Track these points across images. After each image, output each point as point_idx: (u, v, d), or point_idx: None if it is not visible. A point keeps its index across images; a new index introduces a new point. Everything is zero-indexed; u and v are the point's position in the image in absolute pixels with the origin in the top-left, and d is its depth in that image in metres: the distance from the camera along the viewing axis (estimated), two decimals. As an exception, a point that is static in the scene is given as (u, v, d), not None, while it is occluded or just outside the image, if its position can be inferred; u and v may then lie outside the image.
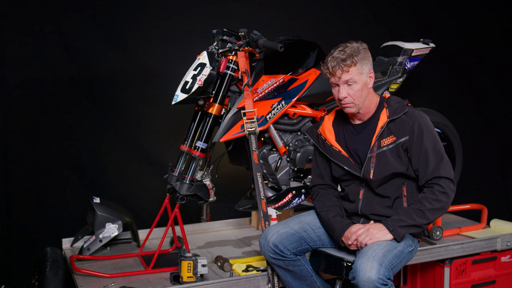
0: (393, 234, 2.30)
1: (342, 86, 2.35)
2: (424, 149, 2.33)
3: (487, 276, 3.16)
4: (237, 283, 2.59)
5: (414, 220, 2.30)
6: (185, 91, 2.67)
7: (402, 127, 2.37)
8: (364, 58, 2.34)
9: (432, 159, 2.33)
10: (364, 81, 2.36)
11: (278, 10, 3.77)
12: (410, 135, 2.35)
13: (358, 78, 2.33)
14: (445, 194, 2.31)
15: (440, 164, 2.33)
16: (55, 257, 2.77)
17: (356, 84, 2.34)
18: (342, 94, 2.35)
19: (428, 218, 2.31)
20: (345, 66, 2.30)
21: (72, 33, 3.29)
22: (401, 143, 2.36)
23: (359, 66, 2.32)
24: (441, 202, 2.30)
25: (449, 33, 4.24)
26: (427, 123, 2.38)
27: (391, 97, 2.49)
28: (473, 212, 3.55)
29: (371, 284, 2.13)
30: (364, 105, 2.40)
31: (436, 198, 2.30)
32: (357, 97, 2.35)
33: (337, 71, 2.32)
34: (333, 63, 2.32)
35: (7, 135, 3.20)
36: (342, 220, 2.44)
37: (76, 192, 3.35)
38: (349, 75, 2.32)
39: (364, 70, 2.35)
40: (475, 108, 4.43)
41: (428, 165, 2.33)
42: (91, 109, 3.39)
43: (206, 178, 2.84)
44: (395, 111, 2.39)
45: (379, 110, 2.44)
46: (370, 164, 2.39)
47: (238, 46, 2.72)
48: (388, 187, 2.42)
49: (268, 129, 2.87)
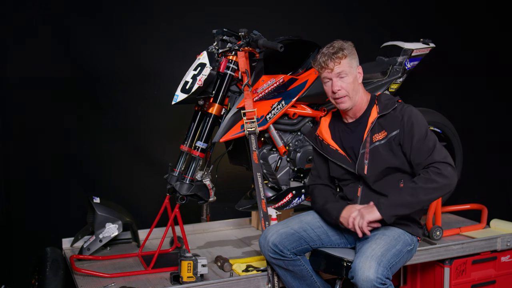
0: (381, 213, 2.27)
1: (335, 79, 2.40)
2: (415, 140, 2.34)
3: (487, 276, 3.16)
4: (237, 283, 2.59)
5: (404, 199, 2.27)
6: (185, 91, 2.67)
7: (392, 122, 2.40)
8: (351, 53, 2.42)
9: (425, 148, 2.32)
10: (355, 75, 2.43)
11: (277, 10, 3.77)
12: (400, 129, 2.37)
13: (349, 71, 2.40)
14: (440, 175, 2.26)
15: (433, 151, 2.32)
16: (55, 257, 2.76)
17: (348, 77, 2.40)
18: (336, 87, 2.40)
19: (419, 197, 2.26)
20: (336, 58, 2.37)
21: (72, 33, 3.29)
22: (392, 137, 2.38)
23: (348, 59, 2.40)
24: (435, 182, 2.26)
25: (449, 33, 4.23)
26: (417, 115, 2.40)
27: (382, 94, 2.53)
28: (473, 212, 3.55)
29: (369, 283, 2.14)
30: (356, 100, 2.44)
31: (430, 177, 2.27)
32: (350, 89, 2.40)
33: (329, 64, 2.38)
34: (324, 58, 2.40)
35: (7, 135, 3.21)
36: (337, 204, 2.47)
37: (76, 192, 3.35)
38: (341, 67, 2.38)
39: (353, 64, 2.42)
40: (475, 108, 4.43)
41: (422, 155, 2.32)
42: (91, 109, 3.40)
43: (206, 178, 2.84)
44: (385, 106, 2.43)
45: (370, 107, 2.48)
46: (363, 160, 2.41)
47: (238, 46, 2.72)
48: (385, 184, 2.42)
49: (268, 129, 2.87)
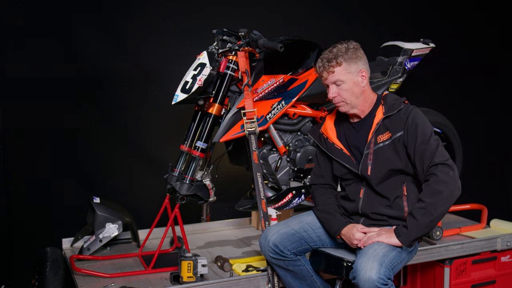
0: (400, 240, 2.26)
1: (331, 86, 2.41)
2: (419, 142, 2.33)
3: (487, 276, 3.16)
4: (237, 283, 2.59)
5: (420, 221, 2.24)
6: (185, 91, 2.67)
7: (397, 123, 2.39)
8: (352, 58, 2.37)
9: (428, 151, 2.31)
10: (354, 81, 2.39)
11: (277, 10, 3.77)
12: (404, 130, 2.37)
13: (346, 78, 2.37)
14: (443, 183, 2.24)
15: (435, 153, 2.30)
16: (55, 257, 2.76)
17: (344, 84, 2.38)
18: (331, 94, 2.42)
19: (432, 214, 2.23)
20: (330, 67, 2.37)
21: (72, 33, 3.29)
22: (397, 138, 2.37)
23: (345, 65, 2.36)
24: (440, 193, 2.23)
25: (449, 33, 4.23)
26: (421, 117, 2.39)
27: (388, 95, 2.51)
28: (473, 212, 3.55)
29: (371, 283, 2.13)
30: (358, 103, 2.42)
31: (434, 191, 2.25)
32: (347, 96, 2.39)
33: (323, 73, 2.40)
34: (319, 64, 2.41)
35: (7, 135, 3.20)
36: (340, 217, 2.46)
37: (76, 192, 3.35)
38: (335, 76, 2.37)
39: (351, 69, 2.38)
40: (475, 108, 4.43)
41: (424, 157, 2.31)
42: (91, 109, 3.40)
43: (206, 178, 2.84)
44: (391, 107, 2.42)
45: (376, 107, 2.46)
46: (367, 160, 2.41)
47: (238, 46, 2.72)
48: (387, 186, 2.42)
49: (268, 129, 2.86)
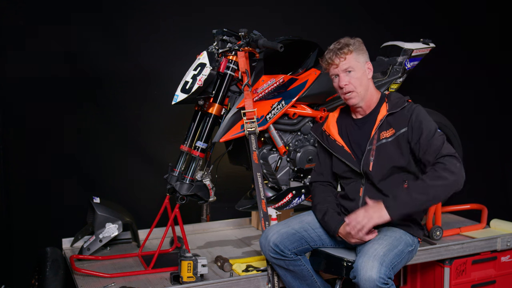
0: (390, 214, 2.24)
1: (342, 74, 2.43)
2: (424, 136, 2.34)
3: (487, 276, 3.16)
4: (237, 283, 2.58)
5: (414, 197, 2.23)
6: (185, 91, 2.67)
7: (401, 120, 2.41)
8: (359, 49, 2.45)
9: (434, 145, 2.31)
10: (363, 70, 2.44)
11: (277, 10, 3.77)
12: (408, 127, 2.38)
13: (356, 66, 2.42)
14: (448, 171, 2.24)
15: (442, 147, 2.30)
16: (55, 257, 2.76)
17: (355, 72, 2.42)
18: (343, 82, 2.43)
19: (429, 194, 2.23)
20: (342, 53, 2.41)
21: (72, 33, 3.29)
22: (400, 134, 2.39)
23: (355, 54, 2.42)
24: (444, 179, 2.22)
25: (449, 33, 4.23)
26: (425, 115, 2.41)
27: (392, 93, 2.55)
28: (473, 212, 3.55)
29: (372, 283, 2.13)
30: (366, 96, 2.46)
31: (438, 174, 2.24)
32: (358, 84, 2.42)
33: (335, 59, 2.42)
34: (330, 54, 2.44)
35: (7, 135, 3.20)
36: (337, 216, 2.46)
37: (76, 192, 3.35)
38: (347, 63, 2.41)
39: (360, 59, 2.44)
40: (475, 108, 4.43)
41: (431, 152, 2.31)
42: (91, 109, 3.39)
43: (206, 178, 2.84)
44: (395, 105, 2.45)
45: (380, 104, 2.49)
46: (369, 156, 2.42)
47: (238, 46, 2.72)
48: (388, 184, 2.42)
49: (268, 129, 2.86)
